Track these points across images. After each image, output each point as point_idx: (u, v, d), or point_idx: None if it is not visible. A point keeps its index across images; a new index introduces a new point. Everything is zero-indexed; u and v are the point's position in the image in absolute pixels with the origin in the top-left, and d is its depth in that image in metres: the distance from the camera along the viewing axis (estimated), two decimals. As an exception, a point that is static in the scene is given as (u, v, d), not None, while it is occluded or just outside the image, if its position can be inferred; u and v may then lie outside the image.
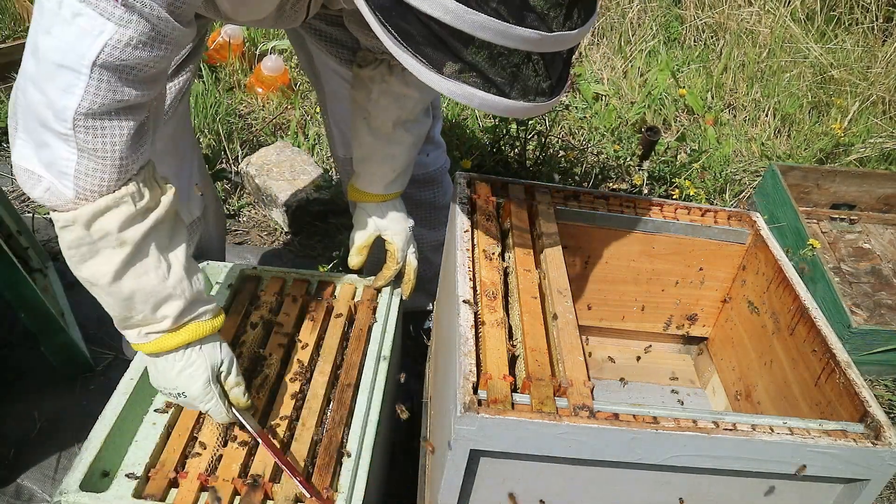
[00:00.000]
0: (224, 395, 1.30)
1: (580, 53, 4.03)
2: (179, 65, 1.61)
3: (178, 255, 1.19)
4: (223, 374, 1.29)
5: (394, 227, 1.68)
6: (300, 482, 1.25)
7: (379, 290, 1.73)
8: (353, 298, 1.71)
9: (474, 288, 1.34)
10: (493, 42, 0.94)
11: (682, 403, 1.86)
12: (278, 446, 1.34)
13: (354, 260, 1.73)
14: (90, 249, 1.10)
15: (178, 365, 1.24)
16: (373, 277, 1.74)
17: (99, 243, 1.09)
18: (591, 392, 1.15)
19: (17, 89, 1.05)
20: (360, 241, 1.71)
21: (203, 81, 3.28)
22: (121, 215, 1.08)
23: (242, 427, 1.33)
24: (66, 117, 0.99)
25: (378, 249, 1.74)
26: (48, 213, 2.59)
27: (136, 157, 1.09)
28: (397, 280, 1.74)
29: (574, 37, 0.99)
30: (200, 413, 1.38)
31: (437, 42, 0.97)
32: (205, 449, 1.33)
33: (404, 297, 1.75)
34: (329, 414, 1.43)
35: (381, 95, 1.55)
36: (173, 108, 1.62)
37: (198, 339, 1.24)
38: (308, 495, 1.25)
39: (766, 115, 3.72)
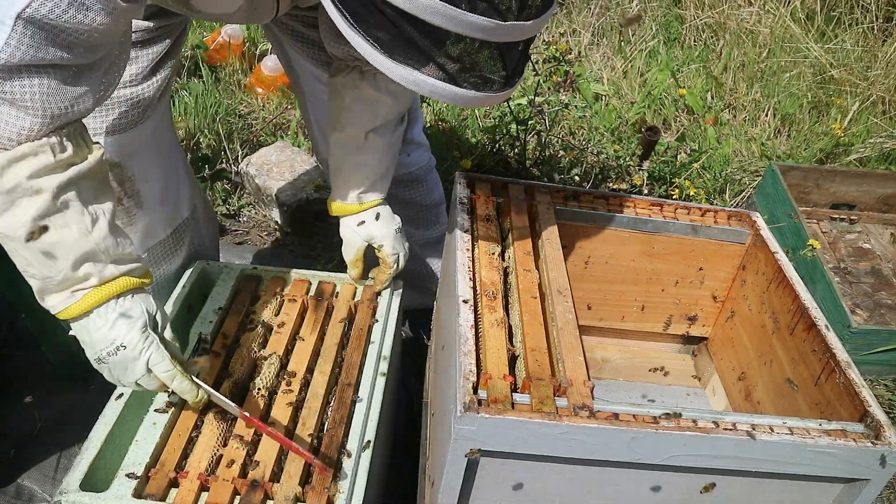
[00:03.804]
0: (168, 352, 1.23)
1: (580, 53, 4.03)
2: (157, 63, 1.57)
3: (105, 211, 1.14)
4: (159, 326, 1.23)
5: (379, 232, 1.65)
6: (297, 451, 1.26)
7: (379, 293, 1.73)
8: (353, 298, 1.71)
9: (474, 288, 1.34)
10: (445, 28, 0.93)
11: (654, 402, 1.86)
12: (262, 423, 1.31)
13: (352, 273, 1.71)
14: (5, 201, 1.04)
15: (112, 315, 1.17)
16: (372, 279, 1.73)
17: (14, 193, 1.03)
18: (591, 392, 1.15)
19: None
20: (351, 255, 1.69)
21: (203, 81, 3.27)
22: (36, 164, 1.03)
23: (218, 404, 1.30)
24: None
25: (372, 252, 1.73)
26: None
27: (65, 111, 1.05)
28: (394, 279, 1.74)
29: (529, 28, 0.97)
30: (201, 413, 1.38)
31: (390, 26, 0.96)
32: (205, 449, 1.33)
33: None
34: (329, 413, 1.43)
35: (353, 102, 1.53)
36: (153, 107, 1.58)
37: (130, 290, 1.19)
38: (312, 463, 1.26)
39: (766, 115, 3.72)
